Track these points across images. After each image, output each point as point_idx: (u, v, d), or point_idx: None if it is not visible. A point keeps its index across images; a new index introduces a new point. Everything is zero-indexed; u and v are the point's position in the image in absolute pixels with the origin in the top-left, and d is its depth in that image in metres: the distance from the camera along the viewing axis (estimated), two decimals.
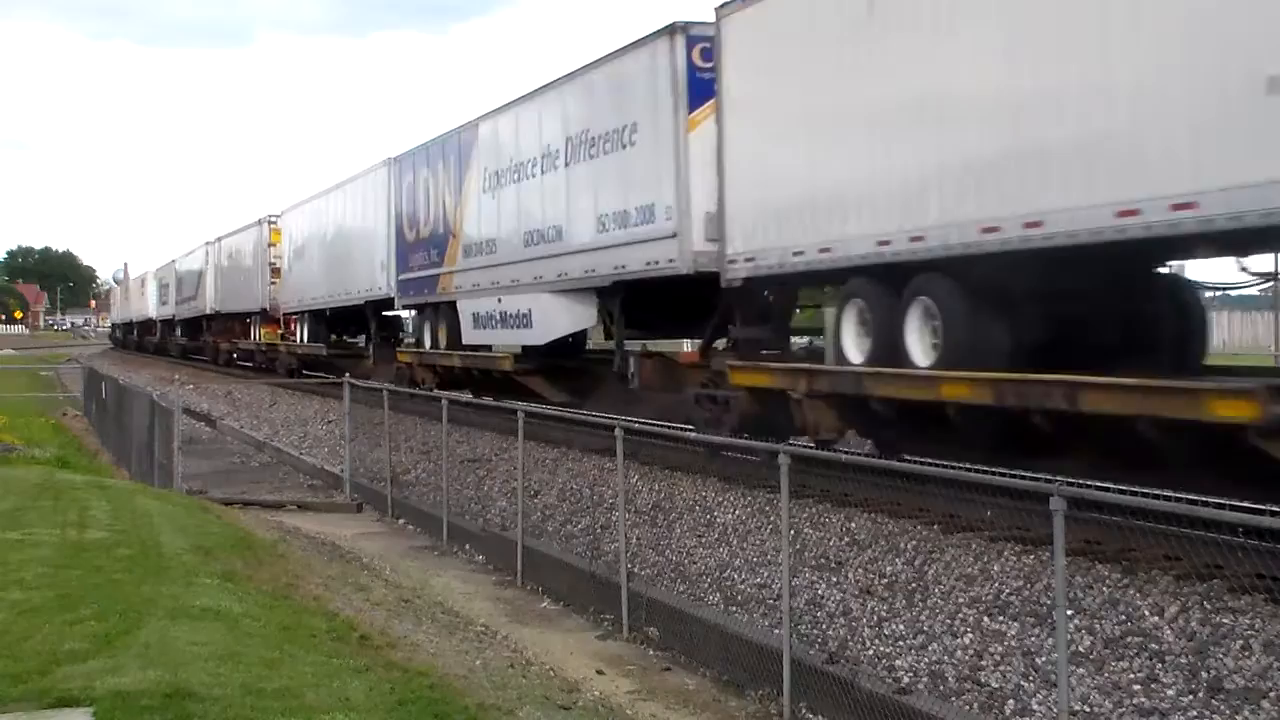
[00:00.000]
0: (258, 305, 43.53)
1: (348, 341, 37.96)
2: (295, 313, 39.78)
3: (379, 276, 30.16)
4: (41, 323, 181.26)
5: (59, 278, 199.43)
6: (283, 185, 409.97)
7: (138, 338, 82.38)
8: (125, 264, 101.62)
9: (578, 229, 19.47)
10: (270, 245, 42.14)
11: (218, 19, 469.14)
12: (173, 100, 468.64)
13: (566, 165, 19.83)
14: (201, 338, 55.62)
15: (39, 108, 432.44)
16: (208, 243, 52.64)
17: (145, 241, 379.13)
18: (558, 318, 20.47)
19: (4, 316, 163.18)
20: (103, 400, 32.50)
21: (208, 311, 52.34)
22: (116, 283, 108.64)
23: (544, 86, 21.04)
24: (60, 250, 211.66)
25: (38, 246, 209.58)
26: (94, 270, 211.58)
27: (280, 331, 42.79)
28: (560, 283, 20.09)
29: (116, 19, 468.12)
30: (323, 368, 36.46)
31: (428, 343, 26.98)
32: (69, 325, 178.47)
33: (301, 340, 39.33)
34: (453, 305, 25.00)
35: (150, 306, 72.67)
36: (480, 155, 23.55)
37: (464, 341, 24.18)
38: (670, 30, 16.36)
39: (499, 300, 22.54)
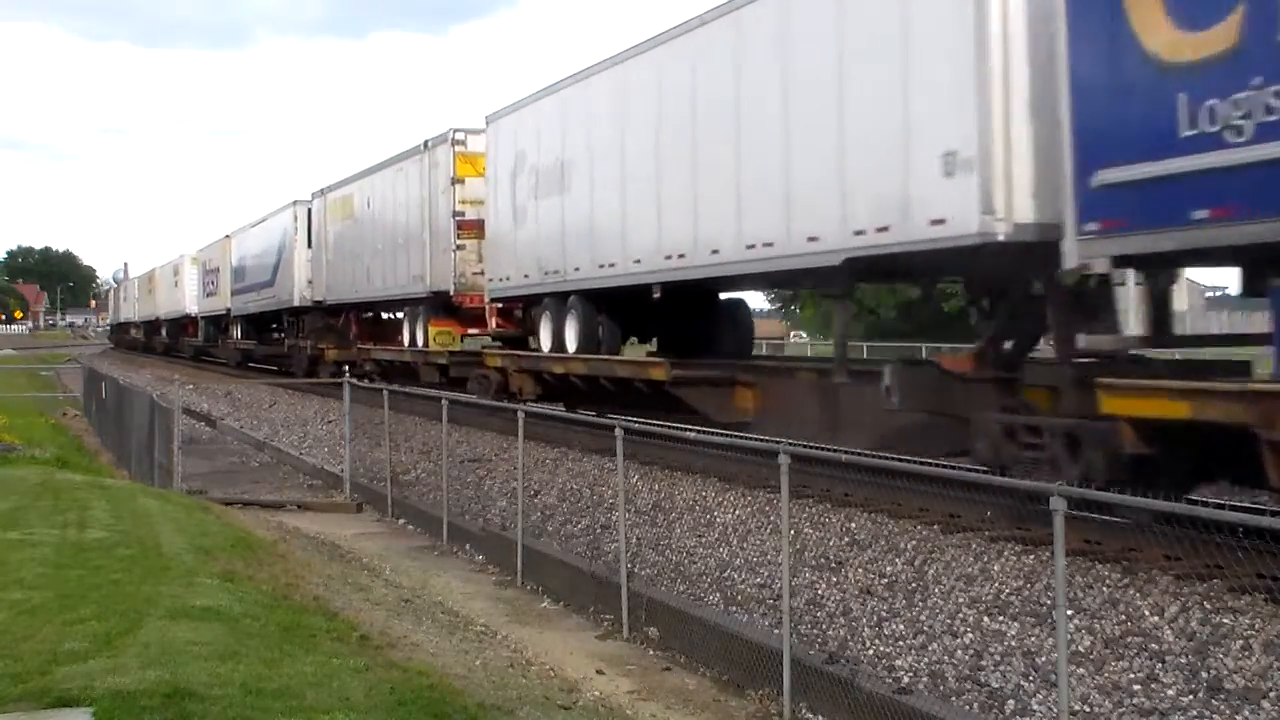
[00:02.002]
0: (426, 287, 26.90)
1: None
2: (526, 295, 22.21)
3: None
4: (41, 322, 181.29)
5: (59, 278, 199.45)
6: (282, 186, 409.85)
7: (168, 338, 69.27)
8: (125, 264, 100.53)
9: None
10: (456, 183, 25.50)
11: (217, 19, 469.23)
12: (172, 101, 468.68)
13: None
14: (286, 341, 40.37)
15: (39, 108, 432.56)
16: (297, 202, 38.42)
17: (145, 241, 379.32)
18: None
19: (4, 316, 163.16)
20: (103, 400, 32.50)
21: (296, 303, 37.77)
22: (116, 282, 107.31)
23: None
24: (60, 250, 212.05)
25: (38, 246, 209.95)
26: (94, 270, 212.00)
27: (467, 332, 27.22)
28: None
29: (114, 19, 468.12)
30: (606, 402, 19.99)
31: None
32: (68, 325, 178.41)
33: (551, 346, 20.76)
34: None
35: (186, 299, 60.50)
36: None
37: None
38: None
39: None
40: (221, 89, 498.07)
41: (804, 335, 77.54)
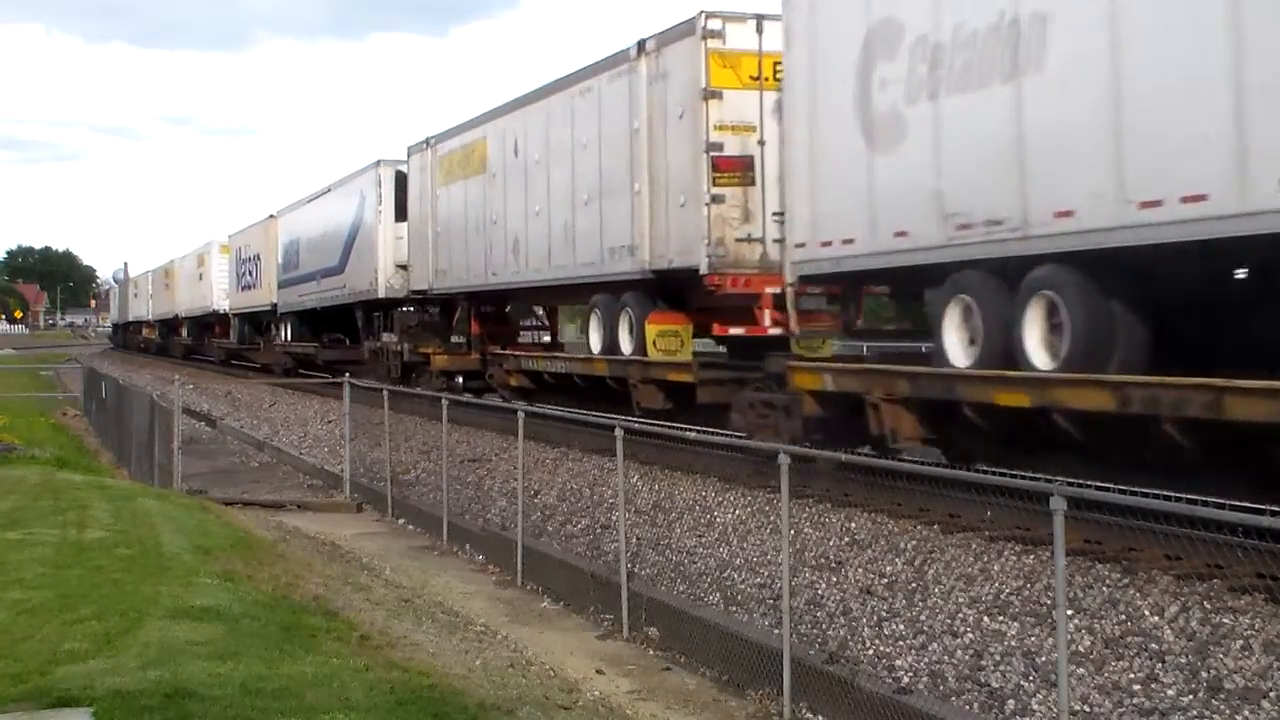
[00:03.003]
0: (640, 264, 18.60)
1: None
2: (898, 270, 13.62)
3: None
4: (42, 322, 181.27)
5: (59, 278, 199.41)
6: (282, 187, 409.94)
7: (190, 339, 61.44)
8: (125, 264, 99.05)
9: None
10: (711, 98, 16.85)
11: (216, 20, 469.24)
12: (172, 101, 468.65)
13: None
14: (365, 344, 32.60)
15: (39, 108, 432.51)
16: (382, 162, 30.58)
17: (145, 241, 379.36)
18: None
19: (4, 316, 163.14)
20: (103, 400, 32.48)
21: (381, 294, 30.55)
22: (116, 282, 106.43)
23: None
24: (60, 250, 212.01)
25: (38, 246, 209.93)
26: (94, 270, 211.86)
27: (726, 331, 18.10)
28: None
29: (113, 20, 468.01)
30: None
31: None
32: (68, 325, 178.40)
33: (983, 355, 12.26)
34: None
35: (214, 294, 52.62)
36: None
37: None
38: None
39: None
40: (221, 90, 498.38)
41: None
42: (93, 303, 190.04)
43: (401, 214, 29.85)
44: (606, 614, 11.63)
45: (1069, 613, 7.85)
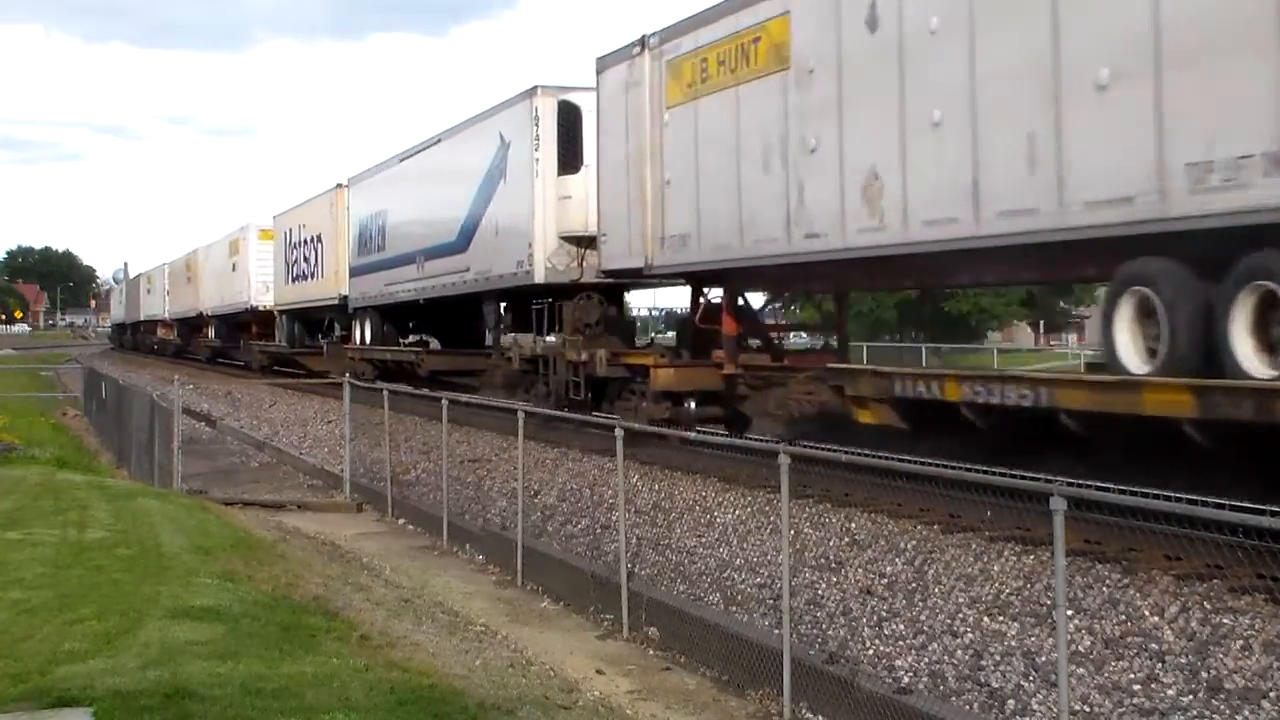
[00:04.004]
0: None
1: None
2: None
3: None
4: (42, 322, 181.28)
5: (59, 278, 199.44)
6: (281, 187, 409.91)
7: (219, 340, 53.40)
8: (125, 263, 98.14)
9: None
10: None
11: (215, 21, 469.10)
12: (171, 101, 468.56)
13: None
14: (504, 349, 23.77)
15: (38, 108, 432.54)
16: (540, 90, 21.78)
17: (144, 241, 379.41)
18: None
19: (4, 316, 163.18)
20: (103, 400, 32.48)
21: (539, 279, 21.67)
22: (117, 282, 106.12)
23: None
24: (60, 250, 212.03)
25: (38, 246, 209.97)
26: (94, 270, 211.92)
27: None
28: None
29: (112, 20, 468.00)
30: None
31: None
32: (68, 325, 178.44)
33: None
34: None
35: (251, 287, 45.22)
36: None
37: None
38: None
39: None
40: (221, 90, 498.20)
41: None
42: (93, 303, 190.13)
43: (569, 164, 21.21)
44: (606, 614, 11.63)
45: (1069, 613, 7.85)
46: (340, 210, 34.89)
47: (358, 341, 33.59)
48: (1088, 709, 7.49)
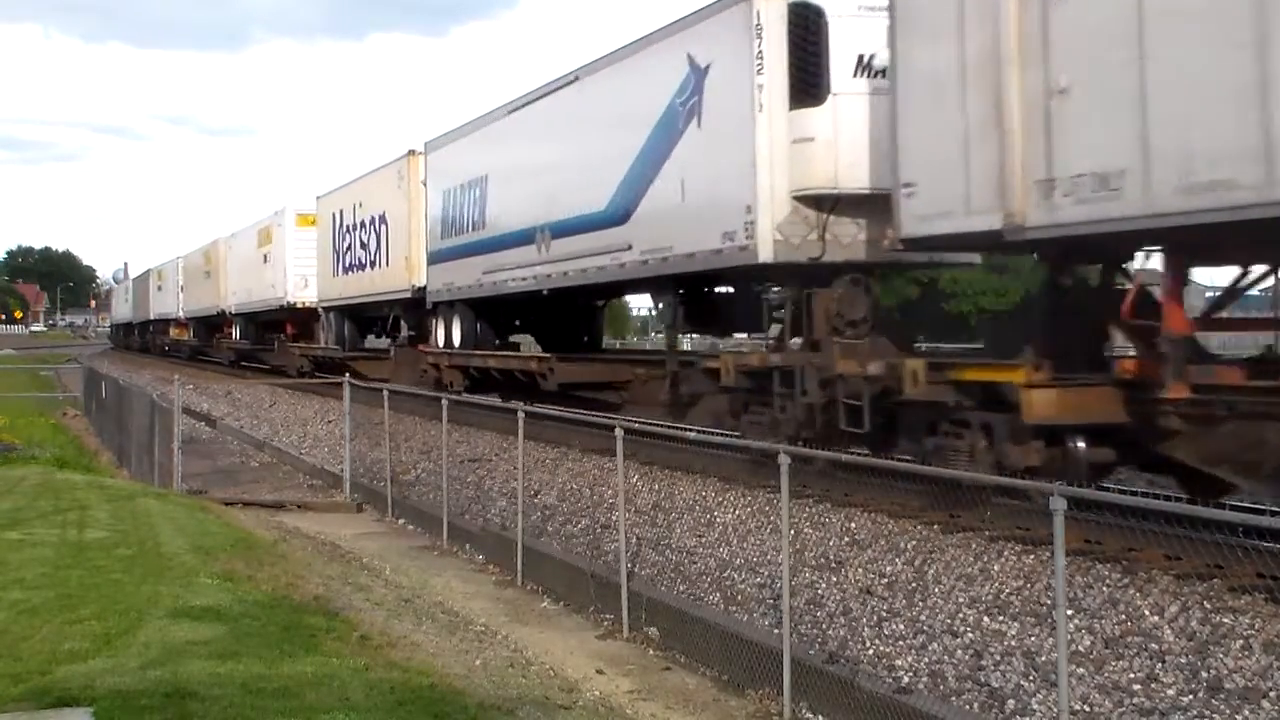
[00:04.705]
0: None
1: None
2: None
3: None
4: (42, 322, 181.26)
5: (59, 278, 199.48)
6: (281, 188, 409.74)
7: (247, 341, 47.62)
8: (125, 263, 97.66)
9: None
10: None
11: (214, 21, 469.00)
12: (170, 101, 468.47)
13: None
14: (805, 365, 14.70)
15: (38, 108, 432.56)
16: None
17: (144, 242, 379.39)
18: None
19: (4, 316, 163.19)
20: (103, 400, 32.48)
21: (767, 257, 15.14)
22: (116, 282, 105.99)
23: None
24: (60, 250, 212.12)
25: (37, 246, 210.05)
26: (94, 270, 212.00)
27: None
28: None
29: (111, 20, 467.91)
30: None
31: None
32: (68, 325, 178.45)
33: None
34: None
35: (286, 281, 39.71)
36: None
37: None
38: None
39: None
40: (220, 90, 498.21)
41: None
42: (93, 302, 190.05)
43: (807, 92, 15.14)
44: (606, 614, 11.63)
45: (1069, 613, 7.85)
46: (413, 183, 27.87)
47: (439, 343, 26.64)
48: (1088, 709, 7.49)
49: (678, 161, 17.02)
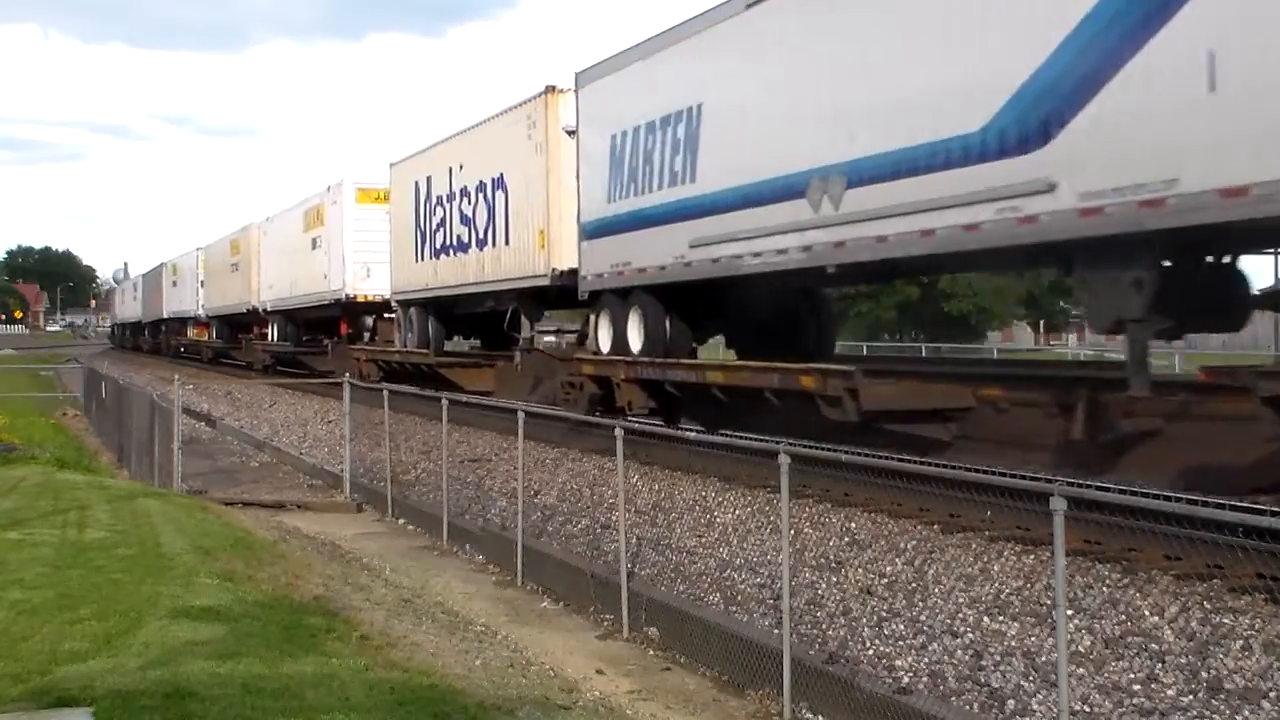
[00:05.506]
0: None
1: None
2: None
3: None
4: (42, 322, 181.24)
5: (59, 278, 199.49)
6: (281, 188, 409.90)
7: (285, 345, 39.95)
8: (125, 264, 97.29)
9: None
10: None
11: (213, 21, 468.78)
12: (170, 101, 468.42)
13: None
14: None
15: (38, 108, 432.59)
16: None
17: (144, 242, 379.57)
18: None
19: (4, 316, 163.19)
20: (103, 400, 32.49)
21: None
22: (116, 282, 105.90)
23: None
24: (60, 250, 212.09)
25: (38, 246, 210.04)
26: (94, 270, 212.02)
27: None
28: None
29: (110, 20, 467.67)
30: None
31: None
32: (68, 325, 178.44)
33: None
34: None
35: (345, 272, 32.68)
36: None
37: None
38: None
39: None
40: (219, 90, 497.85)
41: None
42: (92, 302, 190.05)
43: None
44: (606, 614, 11.63)
45: (1069, 613, 7.85)
46: (552, 131, 20.84)
47: (604, 349, 19.13)
48: (1088, 709, 7.49)
49: (1198, 21, 9.09)
